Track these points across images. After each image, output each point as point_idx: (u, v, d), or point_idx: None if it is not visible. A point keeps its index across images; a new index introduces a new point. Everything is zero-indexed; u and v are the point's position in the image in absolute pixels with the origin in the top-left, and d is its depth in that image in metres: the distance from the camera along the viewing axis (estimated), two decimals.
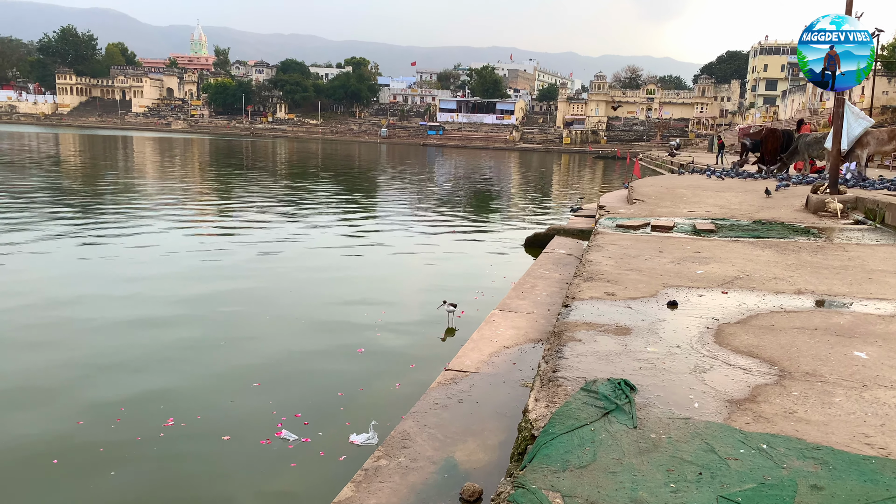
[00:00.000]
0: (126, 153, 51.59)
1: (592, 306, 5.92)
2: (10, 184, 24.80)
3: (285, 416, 5.40)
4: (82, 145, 59.85)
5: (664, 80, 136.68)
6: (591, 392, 3.91)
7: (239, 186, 28.73)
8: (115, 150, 56.04)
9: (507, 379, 5.22)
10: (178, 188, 26.75)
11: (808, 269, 7.58)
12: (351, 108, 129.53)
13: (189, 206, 20.22)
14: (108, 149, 56.54)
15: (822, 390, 4.02)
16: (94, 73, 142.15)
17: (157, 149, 59.58)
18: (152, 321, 8.28)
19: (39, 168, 33.12)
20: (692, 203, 14.31)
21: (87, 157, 44.19)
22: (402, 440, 4.14)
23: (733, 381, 4.14)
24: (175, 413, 5.41)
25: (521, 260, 12.28)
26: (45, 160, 39.11)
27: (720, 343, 4.91)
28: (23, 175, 28.68)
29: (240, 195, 25.16)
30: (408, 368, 6.67)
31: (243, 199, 23.76)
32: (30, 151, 47.14)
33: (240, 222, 17.54)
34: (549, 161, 72.75)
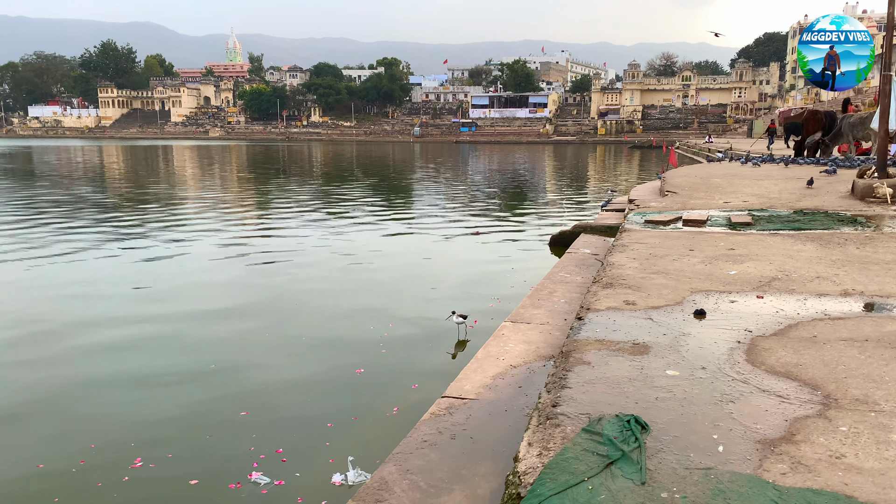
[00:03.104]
0: (167, 163, 52.06)
1: (608, 319, 5.28)
2: (39, 196, 24.95)
3: (265, 452, 4.86)
4: (125, 156, 60.67)
5: (700, 66, 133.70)
6: (594, 434, 3.29)
7: (268, 192, 28.53)
8: (157, 159, 56.68)
9: (511, 407, 4.62)
10: (204, 196, 26.63)
11: (856, 266, 6.81)
12: (384, 109, 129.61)
13: (200, 215, 19.97)
14: (150, 158, 57.20)
15: (876, 423, 3.33)
16: (134, 86, 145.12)
17: (195, 157, 60.07)
18: (135, 341, 7.79)
19: (85, 179, 33.43)
20: (728, 193, 13.47)
21: (129, 167, 44.67)
22: (377, 491, 3.57)
23: (767, 414, 3.48)
24: (146, 452, 4.92)
25: (544, 261, 11.61)
26: (91, 172, 39.59)
27: (753, 362, 4.23)
28: (63, 187, 28.91)
29: (265, 201, 24.91)
30: (409, 390, 6.09)
31: (266, 205, 23.49)
32: (76, 164, 47.88)
33: (254, 228, 17.17)
34: (584, 153, 71.54)
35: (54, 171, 40.62)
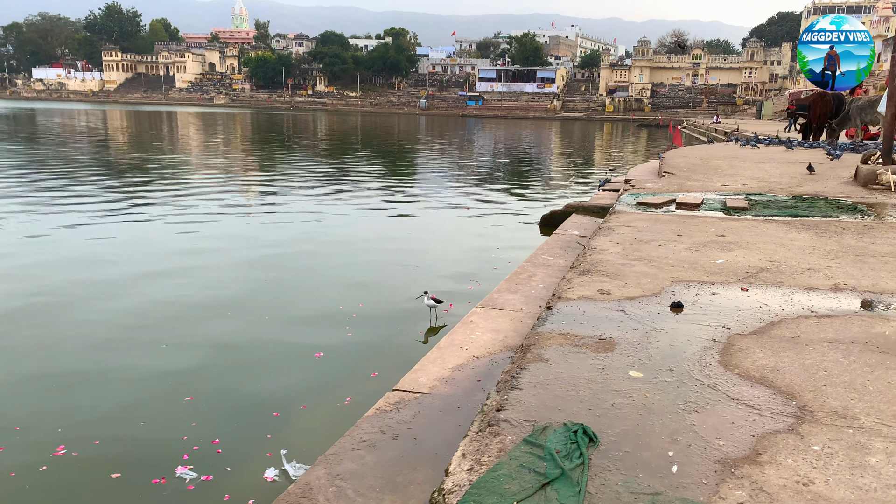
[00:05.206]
0: (171, 128, 51.46)
1: (578, 309, 4.92)
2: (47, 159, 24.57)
3: (200, 443, 4.53)
4: (129, 121, 60.04)
5: (711, 45, 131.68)
6: (535, 446, 2.94)
7: (263, 163, 28.09)
8: (161, 124, 56.05)
9: (465, 403, 4.27)
10: (195, 166, 26.20)
11: (851, 257, 6.41)
12: (390, 80, 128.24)
13: (186, 188, 19.57)
14: (155, 124, 56.58)
15: (853, 442, 2.97)
16: (139, 50, 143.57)
17: (199, 124, 59.42)
18: (78, 316, 7.39)
19: (88, 143, 33.00)
20: (727, 176, 13.03)
21: (134, 132, 44.14)
22: (298, 499, 3.23)
23: (733, 427, 3.12)
24: (72, 438, 4.59)
25: (532, 242, 11.22)
26: (97, 136, 39.12)
27: (726, 364, 3.87)
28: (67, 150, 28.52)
29: (258, 172, 24.49)
30: (368, 378, 5.74)
31: (257, 176, 23.08)
32: (78, 128, 47.37)
33: (237, 202, 16.75)
34: (591, 130, 70.70)
35: (61, 135, 40.12)
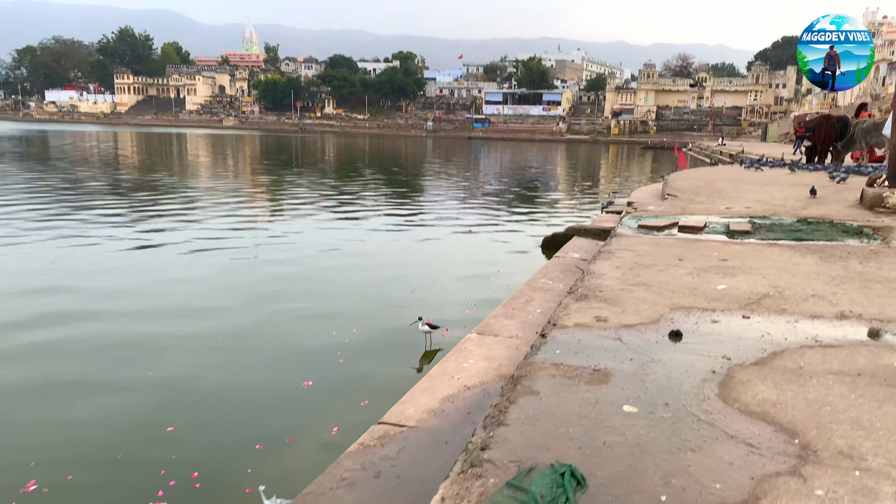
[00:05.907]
0: (180, 151, 51.63)
1: (573, 337, 4.74)
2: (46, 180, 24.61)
3: (178, 477, 4.35)
4: (139, 143, 60.32)
5: (717, 68, 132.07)
6: (518, 490, 2.75)
7: (269, 184, 28.06)
8: (171, 147, 56.24)
9: (453, 438, 4.07)
10: (200, 187, 26.19)
11: (857, 284, 6.22)
12: (398, 103, 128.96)
13: (186, 206, 19.51)
14: (164, 146, 56.80)
15: (859, 486, 2.78)
16: (151, 73, 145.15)
17: (208, 146, 59.66)
18: (61, 343, 7.19)
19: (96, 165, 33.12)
20: (731, 198, 12.86)
21: (144, 154, 44.31)
22: None
23: (731, 468, 2.93)
24: (44, 472, 4.42)
25: (532, 264, 11.04)
26: (108, 158, 39.30)
27: (725, 398, 3.68)
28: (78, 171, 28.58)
29: (263, 192, 24.45)
30: (357, 407, 5.56)
31: (262, 196, 23.02)
32: (91, 150, 47.61)
33: (237, 221, 16.64)
34: (596, 152, 70.69)
35: (67, 156, 40.29)
